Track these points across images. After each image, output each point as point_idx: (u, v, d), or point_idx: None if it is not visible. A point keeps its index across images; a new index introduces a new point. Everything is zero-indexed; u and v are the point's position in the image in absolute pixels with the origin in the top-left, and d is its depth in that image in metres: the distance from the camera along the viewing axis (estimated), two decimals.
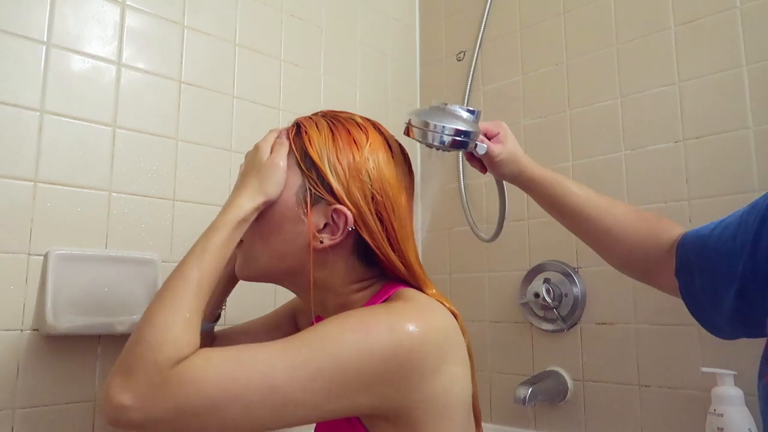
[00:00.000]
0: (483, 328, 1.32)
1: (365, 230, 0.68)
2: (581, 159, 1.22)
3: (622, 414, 1.10)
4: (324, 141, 0.70)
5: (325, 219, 0.68)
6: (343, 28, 1.39)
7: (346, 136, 0.71)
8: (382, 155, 0.71)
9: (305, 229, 0.68)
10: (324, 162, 0.68)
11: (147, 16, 1.03)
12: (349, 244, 0.70)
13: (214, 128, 1.10)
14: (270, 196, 0.67)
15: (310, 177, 0.68)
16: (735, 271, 0.66)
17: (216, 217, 0.66)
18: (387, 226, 0.69)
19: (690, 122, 1.07)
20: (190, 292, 0.59)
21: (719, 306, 0.70)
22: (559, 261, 1.22)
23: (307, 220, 0.68)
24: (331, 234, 0.68)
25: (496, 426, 1.26)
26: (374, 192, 0.69)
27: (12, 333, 0.83)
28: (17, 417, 0.82)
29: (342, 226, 0.67)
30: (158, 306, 0.58)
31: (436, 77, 1.54)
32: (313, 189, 0.68)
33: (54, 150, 0.89)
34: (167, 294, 0.59)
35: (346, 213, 0.67)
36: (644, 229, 0.79)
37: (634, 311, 1.11)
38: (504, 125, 0.84)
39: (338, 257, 0.70)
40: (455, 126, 0.75)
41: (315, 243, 0.68)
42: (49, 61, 0.90)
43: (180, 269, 0.61)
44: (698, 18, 1.08)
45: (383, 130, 0.75)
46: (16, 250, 0.85)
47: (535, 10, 1.34)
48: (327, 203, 0.68)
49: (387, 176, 0.70)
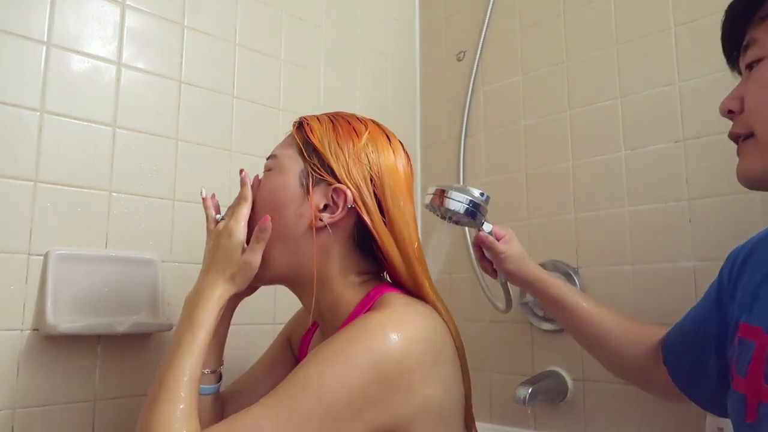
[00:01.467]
0: (483, 328, 1.32)
1: (364, 210, 0.69)
2: (581, 159, 1.22)
3: (622, 414, 1.10)
4: (325, 130, 0.72)
5: (326, 199, 0.70)
6: (343, 28, 1.39)
7: (347, 125, 0.73)
8: (382, 142, 0.73)
9: (307, 210, 0.69)
10: (325, 147, 0.70)
11: (147, 16, 1.03)
12: (348, 227, 0.71)
13: (214, 128, 1.10)
14: (240, 291, 0.71)
15: (311, 162, 0.71)
16: (710, 334, 0.70)
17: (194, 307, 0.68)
18: (386, 209, 0.71)
19: (690, 122, 1.07)
20: (185, 384, 0.62)
21: (707, 376, 0.71)
22: (559, 261, 1.22)
23: (310, 199, 0.69)
24: (331, 213, 0.70)
25: (496, 426, 1.26)
26: (373, 175, 0.70)
27: (12, 333, 0.83)
28: (17, 417, 0.82)
29: (342, 204, 0.69)
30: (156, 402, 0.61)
31: (436, 77, 1.54)
32: (314, 172, 0.70)
33: (54, 150, 0.89)
34: (163, 389, 0.62)
35: (346, 191, 0.69)
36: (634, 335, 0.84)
37: (634, 311, 1.10)
38: (511, 230, 0.94)
39: (337, 242, 0.71)
40: (470, 197, 0.86)
41: (316, 222, 0.69)
42: (49, 61, 0.90)
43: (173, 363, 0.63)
44: (698, 18, 1.08)
45: (382, 125, 0.77)
46: (16, 250, 0.85)
47: (536, 10, 1.34)
48: (327, 184, 0.70)
49: (386, 162, 0.72)
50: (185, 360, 0.63)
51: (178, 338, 0.66)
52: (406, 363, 0.60)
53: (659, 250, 1.08)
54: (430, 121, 1.54)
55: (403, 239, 0.71)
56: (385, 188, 0.71)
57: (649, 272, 1.09)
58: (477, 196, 0.88)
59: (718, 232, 1.01)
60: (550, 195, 1.25)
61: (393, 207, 0.71)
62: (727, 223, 1.01)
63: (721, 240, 1.01)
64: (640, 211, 1.11)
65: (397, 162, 0.73)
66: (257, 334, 1.09)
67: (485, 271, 0.98)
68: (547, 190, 1.26)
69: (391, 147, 0.74)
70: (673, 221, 1.07)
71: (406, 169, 0.74)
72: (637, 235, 1.12)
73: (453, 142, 1.44)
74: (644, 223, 1.11)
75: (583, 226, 1.19)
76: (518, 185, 1.31)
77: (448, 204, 0.86)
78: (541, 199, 1.27)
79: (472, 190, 0.88)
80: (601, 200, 1.17)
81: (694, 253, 1.04)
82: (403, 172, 0.74)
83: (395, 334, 0.61)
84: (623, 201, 1.14)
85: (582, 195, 1.20)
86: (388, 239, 0.70)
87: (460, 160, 1.40)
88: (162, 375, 0.63)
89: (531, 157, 1.30)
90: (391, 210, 0.71)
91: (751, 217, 0.99)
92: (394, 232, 0.71)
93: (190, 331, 0.65)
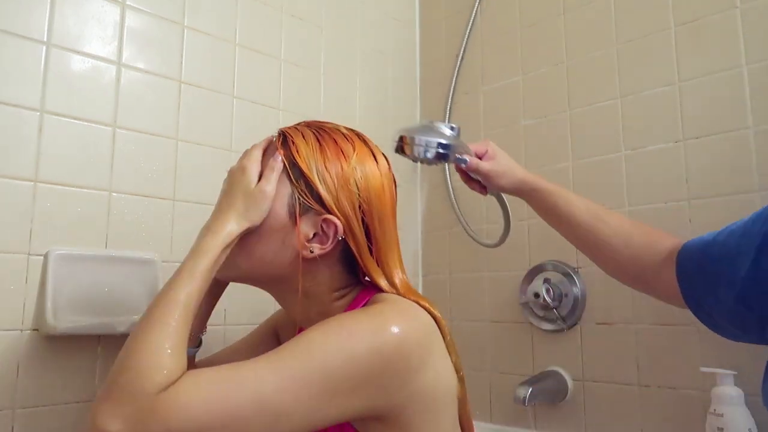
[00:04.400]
0: (483, 328, 1.32)
1: (352, 240, 0.69)
2: (581, 159, 1.22)
3: (622, 414, 1.10)
4: (311, 151, 0.70)
5: (315, 229, 0.68)
6: (343, 28, 1.39)
7: (333, 146, 0.71)
8: (369, 165, 0.71)
9: (294, 239, 0.68)
10: (312, 171, 0.68)
11: (147, 16, 1.03)
12: (336, 253, 0.70)
13: (214, 128, 1.10)
14: (254, 224, 0.67)
15: (298, 187, 0.68)
16: (736, 277, 0.67)
17: (201, 237, 0.65)
18: (372, 235, 0.70)
19: (690, 122, 1.07)
20: (177, 316, 0.59)
21: (720, 309, 0.70)
22: (559, 261, 1.22)
23: (297, 230, 0.68)
24: (321, 243, 0.68)
25: (496, 426, 1.26)
26: (362, 201, 0.69)
27: (12, 333, 0.83)
28: (17, 417, 0.82)
29: (332, 236, 0.68)
30: (145, 331, 0.58)
31: (436, 77, 1.54)
32: (302, 199, 0.68)
33: (54, 150, 0.89)
34: (154, 319, 0.58)
35: (336, 222, 0.68)
36: (640, 237, 0.82)
37: (634, 311, 1.11)
38: (491, 143, 0.89)
39: (324, 266, 0.71)
40: (437, 140, 0.82)
41: (305, 252, 0.68)
42: (49, 61, 0.90)
43: (166, 293, 0.60)
44: (698, 18, 1.08)
45: (368, 141, 0.76)
46: (16, 250, 0.85)
47: (535, 10, 1.34)
48: (316, 213, 0.68)
49: (374, 186, 0.71)
50: (182, 287, 0.60)
51: (179, 268, 0.63)
52: (406, 348, 0.61)
53: None
54: None
55: (387, 262, 0.72)
56: (373, 214, 0.70)
57: None
58: (446, 134, 0.82)
59: None
60: None
61: (380, 233, 0.71)
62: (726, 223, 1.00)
63: None
64: (640, 211, 1.11)
65: (383, 182, 0.72)
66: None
67: (474, 190, 0.94)
68: None
69: (378, 168, 0.72)
70: (673, 221, 1.07)
71: (391, 188, 0.74)
72: None
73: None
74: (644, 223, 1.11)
75: None
76: None
77: (416, 152, 0.82)
78: None
79: (439, 127, 0.83)
80: (601, 200, 1.16)
81: None
82: (389, 193, 0.73)
83: (397, 320, 0.62)
84: (623, 201, 1.14)
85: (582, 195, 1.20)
86: (373, 265, 0.71)
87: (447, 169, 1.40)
88: (155, 302, 0.60)
89: (531, 157, 1.30)
90: (378, 235, 0.71)
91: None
92: (379, 256, 0.71)
93: (192, 259, 0.63)
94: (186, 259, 0.64)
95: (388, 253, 0.72)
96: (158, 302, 0.60)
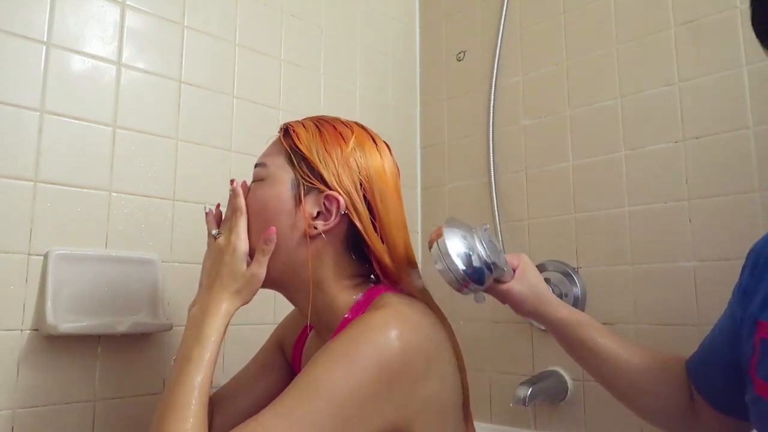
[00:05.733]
0: (483, 328, 1.32)
1: (356, 215, 0.70)
2: (581, 159, 1.22)
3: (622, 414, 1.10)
4: (311, 136, 0.73)
5: (318, 207, 0.70)
6: (343, 28, 1.39)
7: (332, 131, 0.74)
8: (368, 146, 0.74)
9: (300, 220, 0.70)
10: (313, 153, 0.71)
11: (147, 16, 1.03)
12: (341, 232, 0.71)
13: (214, 128, 1.10)
14: (246, 303, 0.71)
15: (300, 170, 0.71)
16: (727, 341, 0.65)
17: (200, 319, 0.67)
18: (375, 212, 0.71)
19: (690, 122, 1.07)
20: (196, 399, 0.62)
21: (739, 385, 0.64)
22: (559, 261, 1.22)
23: (302, 208, 0.70)
24: (324, 220, 0.70)
25: (496, 426, 1.26)
26: (362, 179, 0.71)
27: (12, 333, 0.83)
28: (17, 417, 0.82)
29: (334, 211, 0.70)
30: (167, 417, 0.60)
31: (436, 77, 1.54)
32: (305, 180, 0.70)
33: (54, 150, 0.89)
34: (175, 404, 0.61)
35: (338, 198, 0.69)
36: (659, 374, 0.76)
37: (634, 311, 1.11)
38: (525, 258, 0.78)
39: (330, 246, 0.71)
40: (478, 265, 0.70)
41: (310, 230, 0.70)
42: (49, 61, 0.90)
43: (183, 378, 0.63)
44: (698, 18, 1.08)
45: (367, 128, 0.78)
46: (16, 250, 0.85)
47: (535, 10, 1.34)
48: (318, 191, 0.70)
49: (374, 165, 0.73)
50: (195, 376, 0.63)
51: (186, 354, 0.65)
52: (408, 360, 0.61)
53: (659, 250, 1.08)
54: (430, 121, 1.54)
55: (393, 240, 0.72)
56: (374, 191, 0.72)
57: (649, 272, 1.09)
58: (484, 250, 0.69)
59: (718, 232, 1.01)
60: (550, 195, 1.25)
61: (383, 209, 0.72)
62: (727, 223, 1.01)
63: (721, 240, 1.01)
64: (640, 211, 1.11)
65: (384, 163, 0.74)
66: (257, 334, 1.09)
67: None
68: (547, 190, 1.26)
69: (378, 150, 0.74)
70: (673, 221, 1.07)
71: (392, 169, 0.75)
72: (637, 235, 1.12)
73: (453, 142, 1.44)
74: (644, 223, 1.11)
75: (583, 226, 1.19)
76: (518, 185, 1.31)
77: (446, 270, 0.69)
78: (541, 199, 1.27)
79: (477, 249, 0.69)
80: (601, 200, 1.17)
81: (694, 253, 1.04)
82: (390, 173, 0.74)
83: (397, 332, 0.61)
84: (623, 201, 1.14)
85: (582, 195, 1.20)
86: (378, 243, 0.71)
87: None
88: (171, 391, 0.62)
89: (531, 157, 1.30)
90: (381, 213, 0.72)
91: (751, 217, 0.99)
92: (384, 234, 0.72)
93: (198, 346, 0.65)
94: (192, 346, 0.66)
95: (393, 230, 0.72)
96: (177, 388, 0.62)
